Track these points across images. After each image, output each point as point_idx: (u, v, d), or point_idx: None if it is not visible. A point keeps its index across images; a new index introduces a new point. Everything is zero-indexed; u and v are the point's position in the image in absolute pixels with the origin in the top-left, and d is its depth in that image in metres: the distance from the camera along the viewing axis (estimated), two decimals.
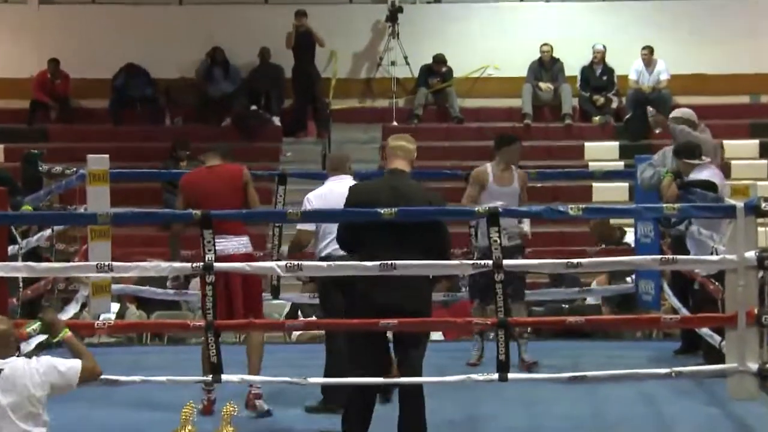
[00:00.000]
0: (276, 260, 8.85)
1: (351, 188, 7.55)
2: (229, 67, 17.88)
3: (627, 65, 17.57)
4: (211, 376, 7.39)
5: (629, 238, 12.67)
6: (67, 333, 5.72)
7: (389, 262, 7.03)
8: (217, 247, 7.79)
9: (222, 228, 7.89)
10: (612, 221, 13.02)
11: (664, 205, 8.46)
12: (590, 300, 12.48)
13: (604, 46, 17.64)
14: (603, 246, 12.47)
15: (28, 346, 8.40)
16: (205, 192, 8.18)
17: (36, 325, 5.84)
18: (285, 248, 9.32)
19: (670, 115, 10.61)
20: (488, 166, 9.73)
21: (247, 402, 8.13)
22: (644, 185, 9.76)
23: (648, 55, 17.45)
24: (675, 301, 9.78)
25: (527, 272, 9.39)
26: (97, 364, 5.60)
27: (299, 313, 11.67)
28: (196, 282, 10.26)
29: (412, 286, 7.14)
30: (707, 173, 9.22)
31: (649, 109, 10.36)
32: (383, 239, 7.12)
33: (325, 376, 8.02)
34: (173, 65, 17.98)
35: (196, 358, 7.96)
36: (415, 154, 7.38)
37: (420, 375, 7.22)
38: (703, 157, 9.44)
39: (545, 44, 17.83)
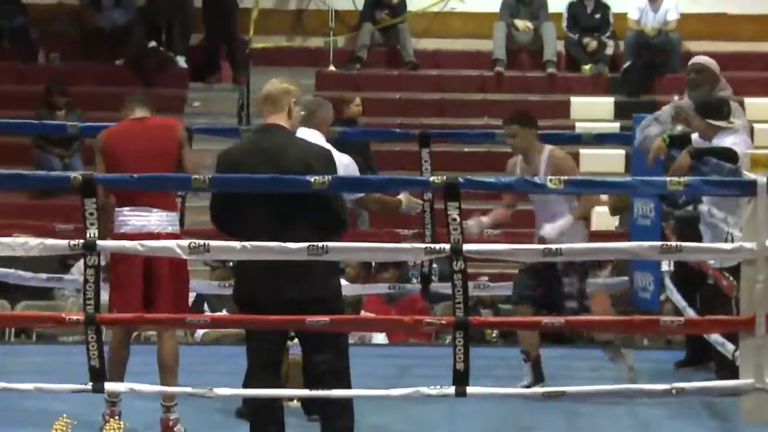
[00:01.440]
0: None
1: (218, 155, 7.60)
2: None
3: (626, 1, 17.67)
4: (91, 384, 7.42)
5: None
6: None
7: (319, 244, 7.08)
8: (136, 222, 8.00)
9: (142, 199, 8.00)
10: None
11: (668, 179, 8.54)
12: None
13: None
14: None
15: None
16: (128, 152, 8.17)
17: None
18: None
19: (690, 62, 10.64)
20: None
21: (163, 428, 8.18)
22: (645, 147, 9.79)
23: None
24: (679, 300, 9.88)
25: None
26: None
27: (206, 306, 11.71)
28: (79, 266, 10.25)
29: (311, 272, 7.19)
30: (734, 140, 9.26)
31: (675, 98, 10.30)
32: (262, 216, 7.18)
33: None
34: None
35: (73, 360, 7.97)
36: (289, 99, 7.36)
37: (342, 383, 7.28)
38: (733, 120, 9.50)
39: None
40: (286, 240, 7.11)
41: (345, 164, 8.24)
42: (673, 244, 8.58)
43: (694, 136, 9.52)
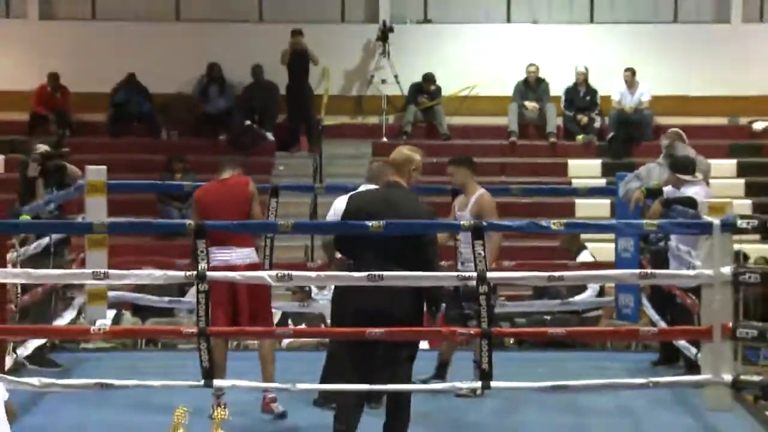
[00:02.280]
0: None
1: (349, 198, 7.60)
2: (224, 84, 17.93)
3: (610, 86, 17.65)
4: (203, 380, 7.42)
5: (583, 256, 12.86)
6: None
7: (377, 273, 7.07)
8: (222, 258, 7.98)
9: (228, 240, 7.99)
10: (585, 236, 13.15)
11: (644, 221, 8.50)
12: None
13: (587, 68, 17.72)
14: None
15: None
16: (213, 204, 8.21)
17: None
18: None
19: (663, 136, 10.65)
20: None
21: (262, 406, 8.19)
22: (628, 197, 9.79)
23: (630, 76, 17.54)
24: (653, 314, 9.82)
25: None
26: None
27: (289, 321, 11.70)
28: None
29: (400, 295, 7.16)
30: (697, 189, 9.23)
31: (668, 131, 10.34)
32: (372, 249, 7.17)
33: (323, 374, 8.10)
34: (170, 81, 17.99)
35: (189, 363, 7.98)
36: (410, 166, 7.36)
37: (407, 380, 7.25)
38: (697, 174, 9.48)
39: (531, 65, 17.91)
40: (384, 268, 7.07)
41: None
42: (650, 271, 8.55)
43: (666, 188, 9.48)
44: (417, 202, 7.41)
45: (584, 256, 13.05)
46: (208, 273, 7.49)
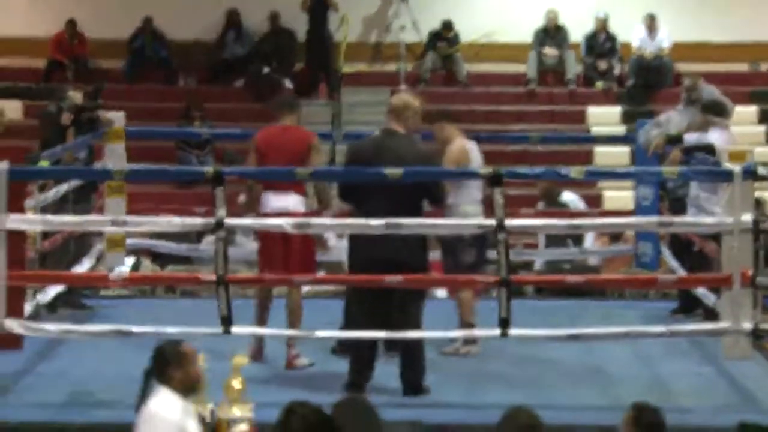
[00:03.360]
0: None
1: (348, 147, 7.62)
2: (242, 30, 17.84)
3: (629, 32, 17.51)
4: (222, 328, 7.43)
5: (566, 196, 13.05)
6: None
7: (395, 221, 7.08)
8: (278, 204, 8.00)
9: (282, 185, 8.04)
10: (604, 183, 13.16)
11: (664, 168, 8.45)
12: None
13: (606, 14, 17.58)
14: (542, 203, 12.85)
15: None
16: (272, 149, 8.21)
17: None
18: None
19: (684, 83, 10.50)
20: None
21: (287, 363, 8.21)
22: (647, 145, 9.70)
23: (650, 22, 17.38)
24: (673, 262, 9.78)
25: None
26: None
27: None
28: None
29: (409, 241, 7.18)
30: (721, 135, 9.12)
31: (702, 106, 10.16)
32: (379, 196, 7.18)
33: (342, 324, 8.09)
34: (188, 27, 17.91)
35: (208, 310, 7.99)
36: (408, 112, 7.34)
37: (417, 327, 7.28)
38: (725, 120, 9.39)
39: (551, 11, 17.76)
40: (389, 214, 7.08)
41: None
42: (669, 218, 8.52)
43: (687, 135, 9.39)
44: (415, 146, 7.39)
45: (567, 196, 13.04)
46: (228, 220, 7.47)
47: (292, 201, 8.12)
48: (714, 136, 9.05)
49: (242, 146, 11.62)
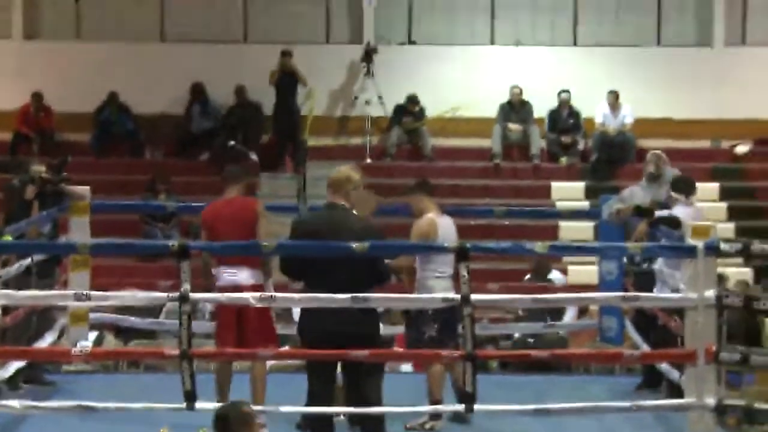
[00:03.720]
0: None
1: (293, 222, 7.61)
2: (207, 103, 17.90)
3: (593, 107, 17.68)
4: (185, 403, 7.37)
5: (552, 274, 13.37)
6: None
7: (361, 295, 7.07)
8: (228, 278, 8.03)
9: (233, 259, 8.06)
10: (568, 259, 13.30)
11: (629, 244, 8.50)
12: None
13: (569, 92, 17.74)
14: (528, 278, 13.13)
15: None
16: (221, 224, 8.26)
17: None
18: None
19: (649, 155, 10.60)
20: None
21: None
22: (612, 219, 9.76)
23: (614, 99, 17.56)
24: (637, 337, 9.80)
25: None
26: None
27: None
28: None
29: (365, 314, 7.18)
30: (688, 210, 9.18)
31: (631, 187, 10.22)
32: (329, 272, 7.18)
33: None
34: (154, 101, 17.96)
35: (171, 385, 7.92)
36: (349, 186, 7.36)
37: (378, 401, 7.24)
38: (690, 197, 9.47)
39: (515, 86, 17.92)
40: (340, 288, 7.08)
41: None
42: (633, 293, 8.55)
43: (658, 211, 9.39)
44: (359, 221, 7.39)
45: (554, 275, 13.17)
46: (193, 294, 7.44)
47: (243, 275, 8.14)
48: (678, 212, 9.11)
49: None
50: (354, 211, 7.38)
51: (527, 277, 13.47)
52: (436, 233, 8.57)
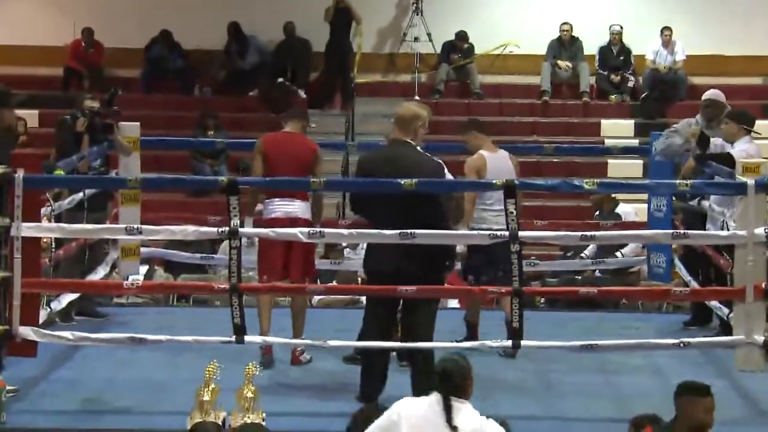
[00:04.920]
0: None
1: (359, 159, 7.62)
2: (247, 41, 17.83)
3: (644, 45, 17.50)
4: (234, 336, 7.43)
5: (620, 208, 13.07)
6: None
7: (409, 231, 7.07)
8: (285, 209, 8.17)
9: (286, 192, 8.20)
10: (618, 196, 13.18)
11: (677, 181, 8.42)
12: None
13: (621, 27, 17.57)
14: (597, 214, 12.81)
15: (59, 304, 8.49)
16: (278, 156, 8.32)
17: None
18: None
19: (703, 97, 10.28)
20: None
21: (292, 360, 8.36)
22: (670, 151, 9.54)
23: (668, 36, 17.35)
24: (685, 274, 9.75)
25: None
26: None
27: (317, 279, 11.71)
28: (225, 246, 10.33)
29: (422, 252, 7.17)
30: (748, 146, 9.04)
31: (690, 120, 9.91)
32: (389, 207, 7.18)
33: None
34: (204, 37, 17.96)
35: (220, 318, 8.00)
36: (417, 122, 7.33)
37: (427, 338, 7.27)
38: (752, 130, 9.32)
39: (565, 23, 17.77)
40: (402, 225, 7.08)
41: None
42: (682, 231, 8.49)
43: (716, 140, 9.25)
44: (422, 157, 7.37)
45: (622, 208, 13.03)
46: (243, 229, 7.48)
47: (299, 207, 8.20)
48: (743, 147, 8.96)
49: None
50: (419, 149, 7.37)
51: (597, 212, 13.33)
52: (486, 169, 8.60)
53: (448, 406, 5.09)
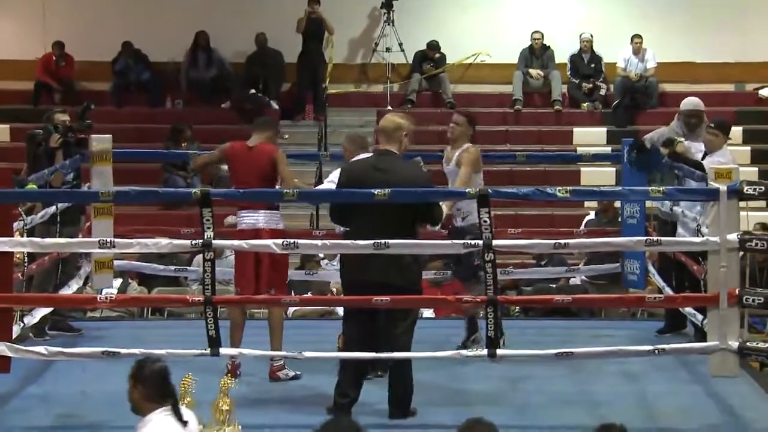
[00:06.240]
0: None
1: (342, 169, 7.61)
2: (211, 53, 17.80)
3: (615, 53, 17.58)
4: (209, 349, 7.41)
5: None
6: None
7: (383, 241, 7.07)
8: (248, 220, 8.13)
9: (253, 203, 8.17)
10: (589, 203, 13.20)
11: (650, 188, 8.45)
12: (574, 281, 12.58)
13: (592, 35, 17.65)
14: (606, 221, 12.80)
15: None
16: (238, 165, 8.35)
17: None
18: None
19: (685, 107, 10.26)
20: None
21: (270, 374, 8.31)
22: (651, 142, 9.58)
23: (639, 43, 17.44)
24: (660, 281, 9.79)
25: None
26: None
27: (291, 290, 11.68)
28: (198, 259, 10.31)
29: (399, 263, 7.18)
30: (724, 158, 9.07)
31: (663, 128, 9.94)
32: (370, 217, 7.19)
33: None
34: (172, 49, 17.93)
35: (195, 332, 7.97)
36: (401, 132, 7.37)
37: (404, 349, 7.28)
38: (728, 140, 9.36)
39: (536, 32, 17.84)
40: (380, 235, 7.08)
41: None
42: (655, 238, 8.51)
43: (699, 146, 9.27)
44: (410, 167, 7.41)
45: None
46: (216, 241, 7.47)
47: (262, 217, 8.17)
48: (721, 156, 8.99)
49: None
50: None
51: (590, 216, 13.31)
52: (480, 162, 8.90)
53: None
